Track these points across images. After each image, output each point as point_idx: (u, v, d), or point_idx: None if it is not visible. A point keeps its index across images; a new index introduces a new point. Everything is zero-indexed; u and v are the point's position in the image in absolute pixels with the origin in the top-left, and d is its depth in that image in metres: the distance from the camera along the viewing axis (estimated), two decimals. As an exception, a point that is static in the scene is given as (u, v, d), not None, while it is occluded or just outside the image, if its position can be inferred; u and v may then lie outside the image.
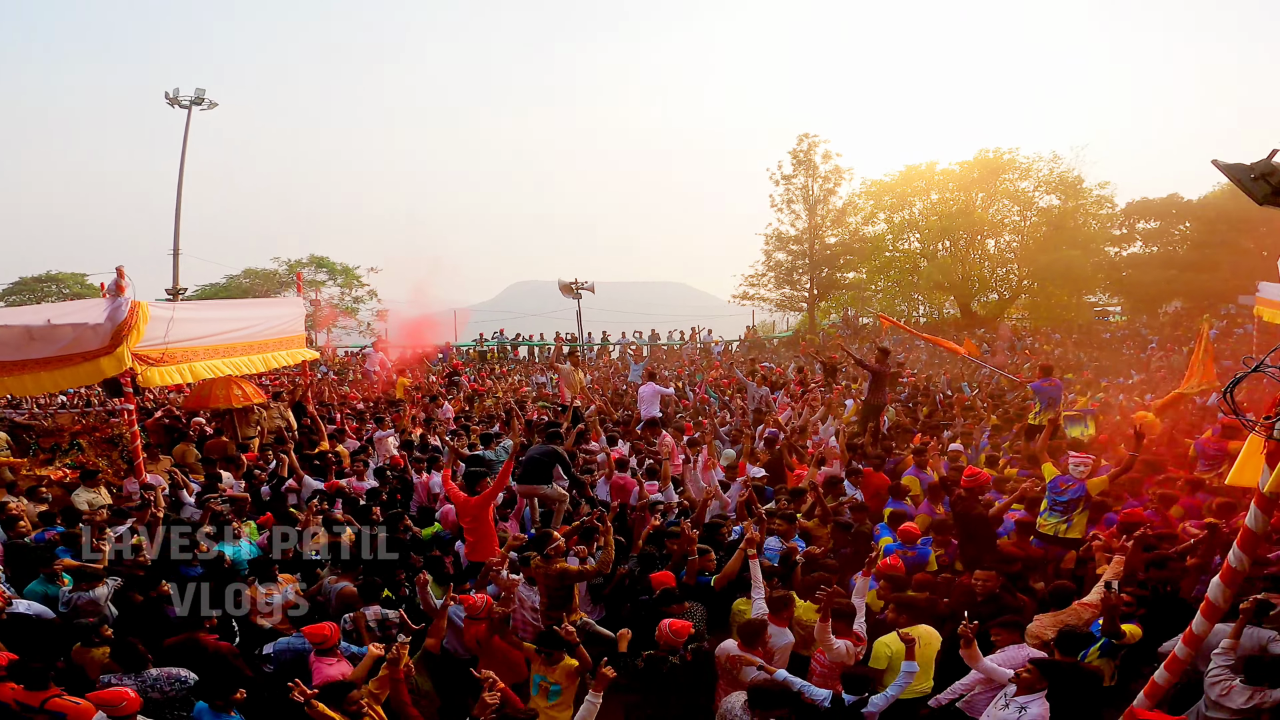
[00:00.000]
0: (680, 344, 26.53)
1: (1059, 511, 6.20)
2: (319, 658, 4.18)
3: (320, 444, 8.75)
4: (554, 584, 5.00)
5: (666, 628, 4.32)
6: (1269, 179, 3.06)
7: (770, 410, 10.82)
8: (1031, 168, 30.06)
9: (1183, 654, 3.70)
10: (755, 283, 34.12)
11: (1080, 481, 6.13)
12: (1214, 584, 3.57)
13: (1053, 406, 8.68)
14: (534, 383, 17.26)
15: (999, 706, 3.92)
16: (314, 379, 13.32)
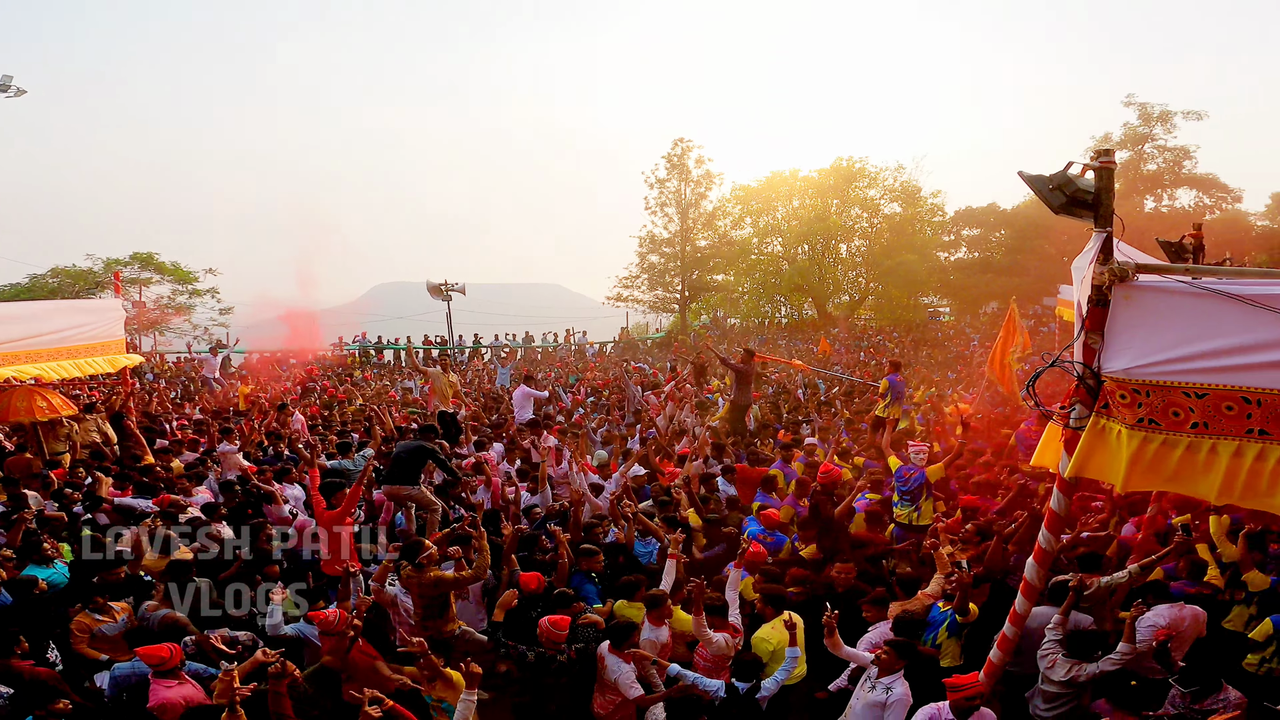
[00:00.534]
0: (554, 346, 26.30)
1: (907, 500, 6.74)
2: (158, 679, 3.86)
3: (144, 458, 7.94)
4: (428, 593, 4.76)
5: (546, 624, 4.26)
6: (1064, 189, 3.43)
7: (646, 410, 11.01)
8: (879, 176, 32.79)
9: (1010, 633, 4.04)
10: (629, 284, 34.61)
11: (920, 469, 6.68)
12: (1029, 565, 3.92)
13: (899, 400, 9.44)
14: (400, 388, 16.39)
15: (865, 688, 4.12)
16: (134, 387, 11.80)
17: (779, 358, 12.56)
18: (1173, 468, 3.14)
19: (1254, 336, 2.85)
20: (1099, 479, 3.52)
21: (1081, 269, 3.59)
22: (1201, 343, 3.00)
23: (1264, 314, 2.82)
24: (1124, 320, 3.26)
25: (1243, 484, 2.98)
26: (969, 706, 3.57)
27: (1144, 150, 31.65)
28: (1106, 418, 3.39)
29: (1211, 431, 3.02)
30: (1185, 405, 3.07)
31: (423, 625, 4.75)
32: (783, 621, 4.48)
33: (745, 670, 4.19)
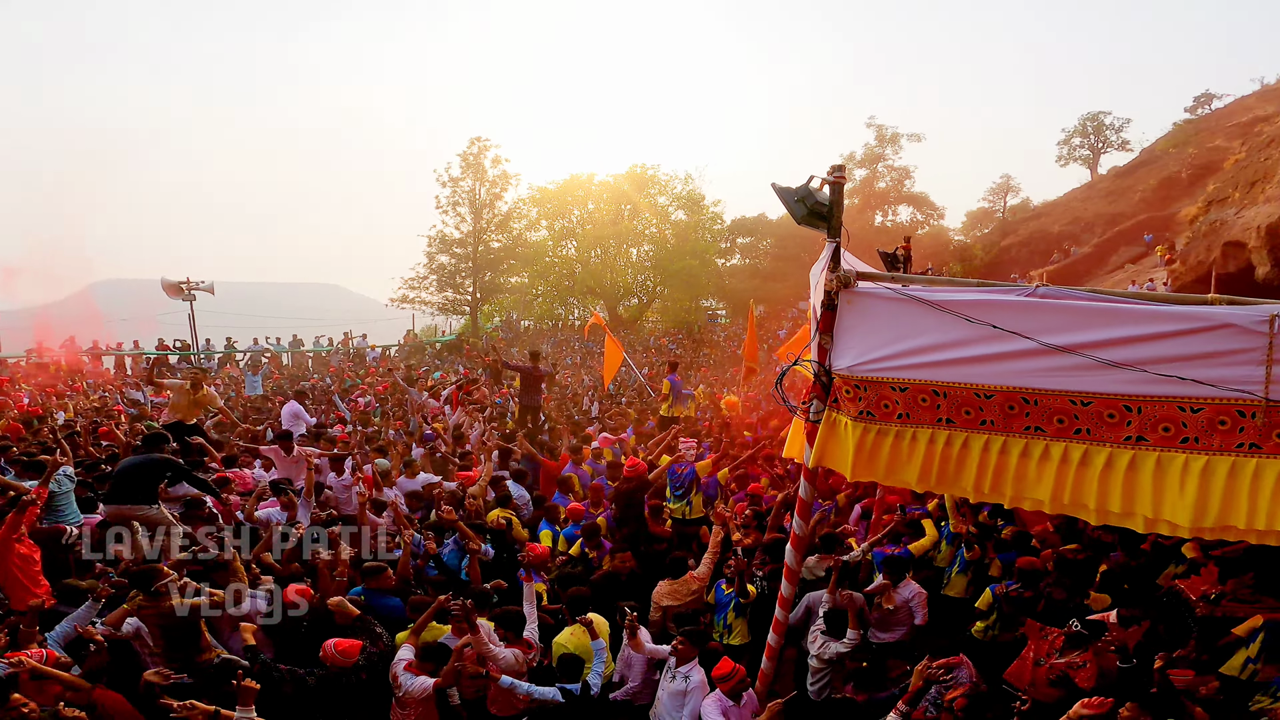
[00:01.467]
0: (327, 350, 23.83)
1: (679, 496, 7.03)
2: None
3: None
4: (170, 623, 4.13)
5: (330, 647, 4.08)
6: (805, 202, 3.73)
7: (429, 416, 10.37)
8: (669, 184, 34.61)
9: (781, 616, 4.29)
10: (416, 285, 32.66)
11: (691, 465, 7.02)
12: (788, 551, 4.20)
13: (680, 398, 9.90)
14: (128, 399, 13.61)
15: (667, 679, 4.25)
16: None
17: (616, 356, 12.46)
18: (886, 455, 3.52)
19: (941, 337, 3.28)
20: (834, 468, 3.86)
21: (816, 276, 3.93)
22: (904, 342, 3.39)
23: (949, 317, 3.26)
24: (847, 323, 3.60)
25: (936, 470, 3.42)
26: (739, 689, 3.91)
27: (877, 169, 37.23)
28: (836, 411, 3.74)
29: (912, 421, 3.45)
30: (892, 398, 3.47)
31: (167, 658, 4.18)
32: (581, 625, 4.49)
33: (570, 670, 4.22)
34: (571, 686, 4.15)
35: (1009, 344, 3.14)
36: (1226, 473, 2.84)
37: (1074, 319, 3.00)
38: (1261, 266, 15.49)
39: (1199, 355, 2.77)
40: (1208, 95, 37.66)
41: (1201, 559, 5.37)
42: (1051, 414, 3.12)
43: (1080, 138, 42.00)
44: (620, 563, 5.46)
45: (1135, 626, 4.54)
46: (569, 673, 4.24)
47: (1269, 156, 18.03)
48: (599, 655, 4.41)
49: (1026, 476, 3.22)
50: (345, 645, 4.10)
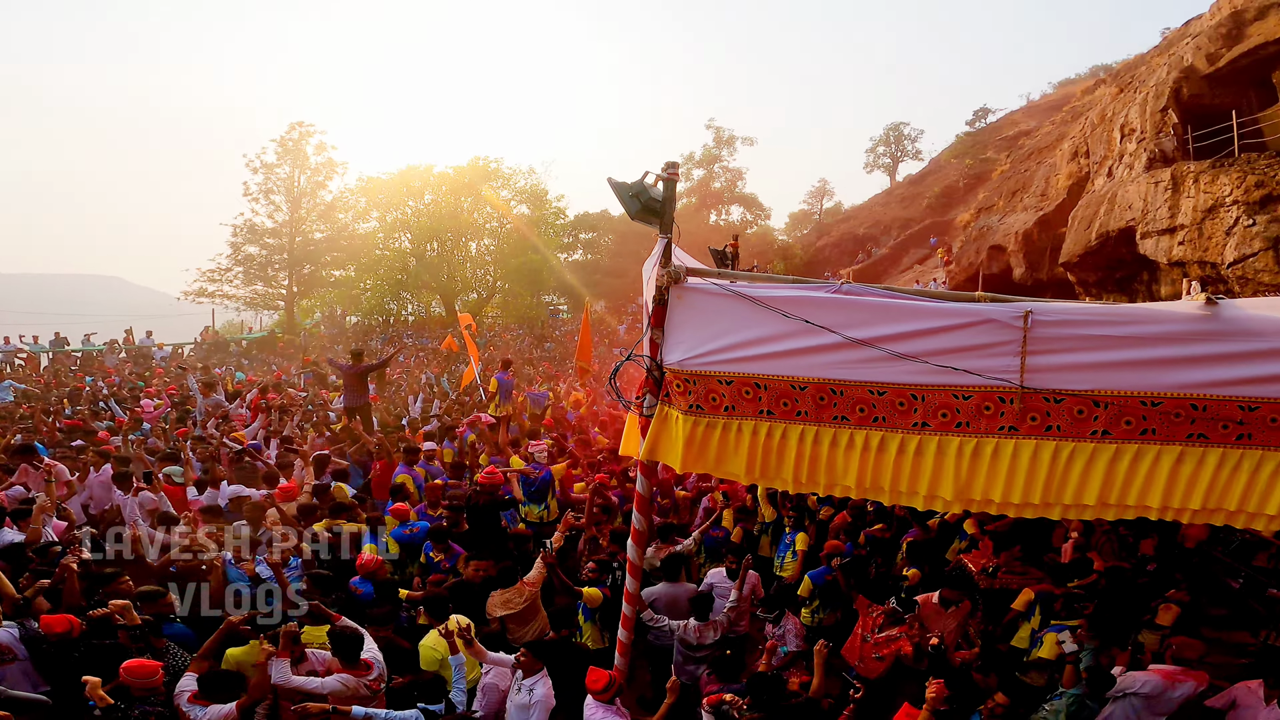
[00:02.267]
0: (99, 350, 20.39)
1: (535, 499, 6.88)
2: None
3: None
4: None
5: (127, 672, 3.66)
6: (639, 198, 3.76)
7: (228, 421, 9.21)
8: (512, 178, 33.65)
9: (629, 611, 4.31)
10: (217, 278, 29.00)
11: (547, 469, 6.91)
12: (629, 545, 4.25)
13: (509, 397, 9.66)
14: None
15: (515, 691, 4.12)
16: None
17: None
18: (715, 448, 3.65)
19: (762, 331, 3.46)
20: (665, 461, 3.94)
21: (649, 271, 3.98)
22: (729, 337, 3.53)
23: (768, 312, 3.44)
24: (677, 318, 3.68)
25: (760, 461, 3.59)
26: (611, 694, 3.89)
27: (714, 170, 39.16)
28: (668, 405, 3.82)
29: (737, 414, 3.60)
30: (719, 391, 3.60)
31: None
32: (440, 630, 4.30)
33: (432, 691, 3.91)
34: (435, 707, 3.88)
35: (819, 338, 3.37)
36: (990, 453, 3.28)
37: (871, 315, 3.29)
38: (1018, 268, 18.40)
39: (968, 347, 3.16)
40: (984, 110, 43.69)
41: (980, 535, 6.24)
42: (855, 404, 3.41)
43: (884, 146, 47.18)
44: (475, 571, 5.17)
45: (954, 608, 5.13)
46: (431, 693, 3.94)
47: (1028, 168, 21.44)
48: (457, 671, 4.18)
49: (836, 465, 3.49)
50: (138, 665, 3.68)
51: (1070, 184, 16.22)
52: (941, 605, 5.15)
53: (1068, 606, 5.03)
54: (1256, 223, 9.83)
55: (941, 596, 5.16)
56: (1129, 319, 2.99)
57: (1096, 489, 3.21)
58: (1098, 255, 13.16)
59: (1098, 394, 3.09)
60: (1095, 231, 12.86)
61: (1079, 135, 16.48)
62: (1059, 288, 15.95)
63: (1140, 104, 12.98)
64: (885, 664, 4.81)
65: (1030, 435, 3.23)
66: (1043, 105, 37.10)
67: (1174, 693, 4.25)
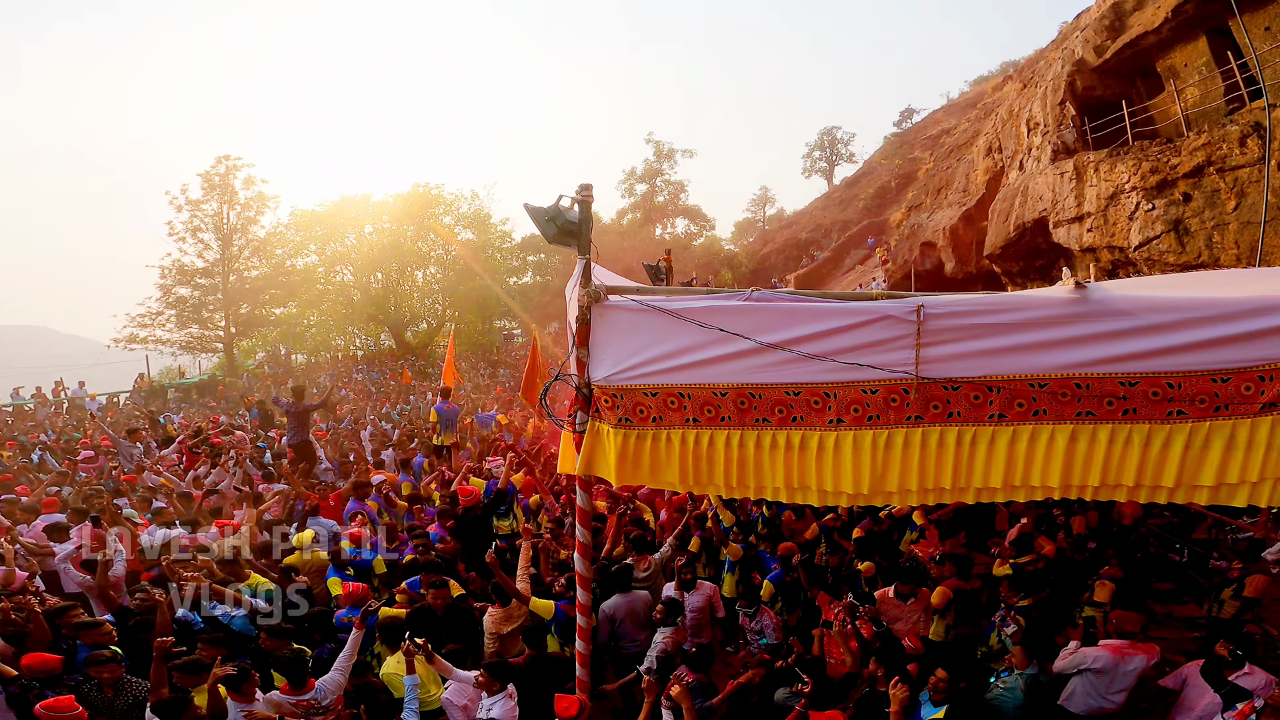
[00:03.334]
0: (28, 403, 19.41)
1: (501, 514, 6.96)
2: None
3: None
4: None
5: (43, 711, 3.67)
6: (555, 221, 3.86)
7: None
8: (454, 203, 33.42)
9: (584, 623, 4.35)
10: (148, 322, 27.92)
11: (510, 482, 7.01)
12: (576, 559, 4.34)
13: (451, 427, 9.58)
14: None
15: (482, 710, 4.14)
16: None
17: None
18: (648, 459, 3.75)
19: (681, 343, 3.59)
20: (601, 475, 4.02)
21: (571, 292, 4.08)
22: (650, 350, 3.66)
23: (685, 324, 3.58)
24: (601, 335, 3.79)
25: (692, 469, 3.71)
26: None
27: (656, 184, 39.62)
28: (599, 420, 3.91)
29: (665, 424, 3.72)
30: (645, 403, 3.72)
31: None
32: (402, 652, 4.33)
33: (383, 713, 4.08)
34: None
35: (734, 345, 3.52)
36: (901, 443, 3.46)
37: (780, 319, 3.45)
38: (949, 263, 19.13)
39: (869, 344, 3.34)
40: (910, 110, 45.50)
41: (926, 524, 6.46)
42: (773, 405, 3.56)
43: (819, 150, 48.55)
44: (435, 598, 5.18)
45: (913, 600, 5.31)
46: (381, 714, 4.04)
47: (950, 165, 22.31)
48: (409, 691, 4.17)
49: (763, 466, 3.62)
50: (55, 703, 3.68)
51: (988, 179, 16.99)
52: (899, 599, 5.32)
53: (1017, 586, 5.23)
54: (1155, 207, 10.52)
55: (897, 590, 5.32)
56: (1010, 306, 3.22)
57: (1001, 471, 3.40)
58: (1018, 246, 13.80)
59: (990, 379, 3.30)
60: (1013, 223, 13.50)
61: (991, 131, 17.31)
62: (988, 279, 16.66)
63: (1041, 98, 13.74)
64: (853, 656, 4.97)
65: (935, 423, 3.41)
66: (960, 103, 38.78)
67: (1127, 666, 4.42)
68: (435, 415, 9.51)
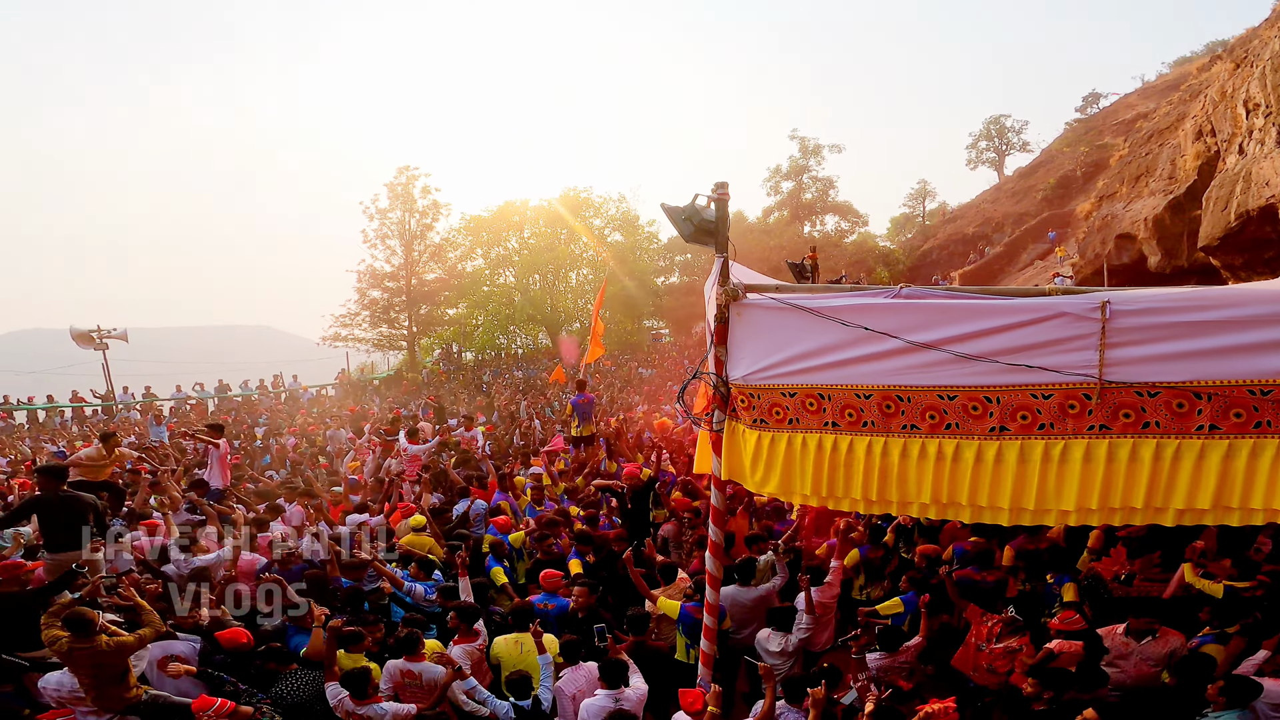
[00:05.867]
0: (256, 394, 22.91)
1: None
2: None
3: None
4: (106, 660, 4.13)
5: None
6: (692, 220, 3.87)
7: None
8: (602, 206, 34.72)
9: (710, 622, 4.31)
10: (348, 323, 31.77)
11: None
12: (707, 558, 4.30)
13: (586, 418, 9.89)
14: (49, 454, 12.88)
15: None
16: None
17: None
18: (780, 463, 3.62)
19: (821, 341, 3.43)
20: (736, 479, 3.96)
21: (709, 291, 4.06)
22: (789, 349, 3.53)
23: (827, 322, 3.42)
24: (739, 334, 3.74)
25: (827, 479, 3.52)
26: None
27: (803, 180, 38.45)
28: (735, 420, 3.86)
29: (801, 426, 3.57)
30: (782, 404, 3.60)
31: (98, 696, 4.17)
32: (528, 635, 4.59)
33: (519, 688, 4.22)
34: (523, 703, 4.13)
35: (880, 344, 3.30)
36: (1081, 455, 3.05)
37: (934, 316, 3.18)
38: (1153, 256, 16.65)
39: (1042, 343, 2.98)
40: (1095, 95, 40.95)
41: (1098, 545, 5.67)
42: (923, 410, 3.29)
43: (986, 141, 44.72)
44: (579, 599, 5.27)
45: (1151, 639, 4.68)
46: (519, 690, 4.21)
47: (1149, 151, 19.47)
48: (546, 670, 4.38)
49: (908, 478, 3.35)
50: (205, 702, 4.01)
51: (1199, 164, 14.67)
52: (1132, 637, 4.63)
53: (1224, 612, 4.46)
54: None
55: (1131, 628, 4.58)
56: (1222, 302, 2.72)
57: (1211, 491, 2.89)
58: (1240, 237, 11.78)
59: (1198, 385, 2.82)
60: (1233, 212, 11.56)
61: (1201, 114, 14.94)
62: (1203, 274, 14.34)
63: (1260, 78, 11.67)
64: (1002, 675, 4.53)
65: (1126, 433, 2.97)
66: (1159, 86, 34.15)
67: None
68: (570, 408, 9.88)
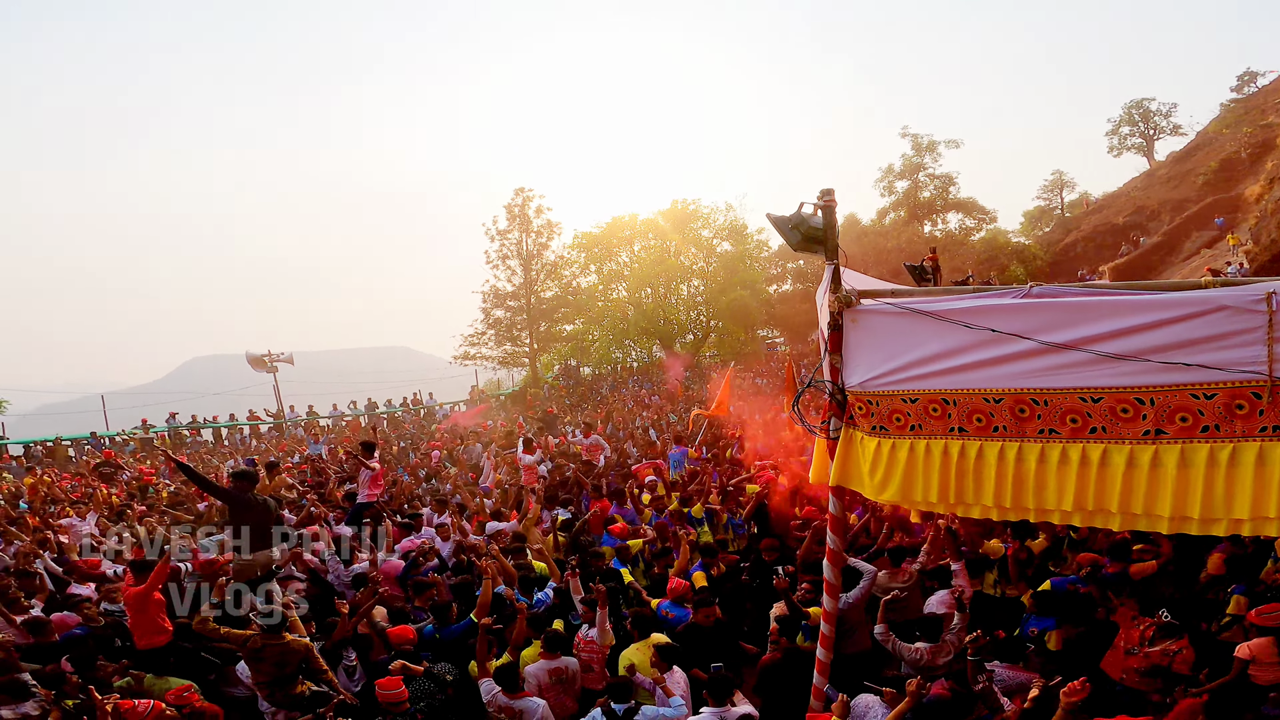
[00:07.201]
0: (400, 411, 24.92)
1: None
2: None
3: None
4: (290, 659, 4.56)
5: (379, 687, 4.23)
6: (799, 228, 3.86)
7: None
8: (711, 216, 34.67)
9: (827, 630, 4.30)
10: (476, 341, 33.77)
11: None
12: (825, 566, 4.24)
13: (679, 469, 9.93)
14: (228, 469, 14.79)
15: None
16: None
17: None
18: (901, 470, 3.51)
19: (944, 345, 3.30)
20: (853, 487, 3.88)
21: (821, 299, 4.03)
22: (909, 354, 3.43)
23: (949, 325, 3.29)
24: (854, 340, 3.68)
25: (955, 485, 3.37)
26: None
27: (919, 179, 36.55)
28: (852, 427, 3.79)
29: (925, 433, 3.45)
30: (904, 410, 3.50)
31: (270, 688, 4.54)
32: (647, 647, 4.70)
33: (619, 692, 4.25)
34: (618, 706, 4.18)
35: (1010, 346, 3.15)
36: (1254, 459, 2.75)
37: (1070, 315, 2.99)
38: (1351, 237, 14.40)
39: (1201, 339, 2.72)
40: (1251, 74, 37.00)
41: None
42: (1063, 414, 3.09)
43: (1129, 126, 40.88)
44: (704, 617, 5.23)
45: None
46: (619, 693, 4.26)
47: (1325, 128, 16.93)
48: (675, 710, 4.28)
49: (1047, 484, 3.15)
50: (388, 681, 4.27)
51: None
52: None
53: None
54: None
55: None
56: None
57: None
58: None
59: (1402, 383, 2.47)
60: None
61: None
62: None
63: None
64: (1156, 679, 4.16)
65: (1306, 437, 2.66)
66: (1325, 61, 29.46)
67: None
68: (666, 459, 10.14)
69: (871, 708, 4.09)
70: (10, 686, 4.23)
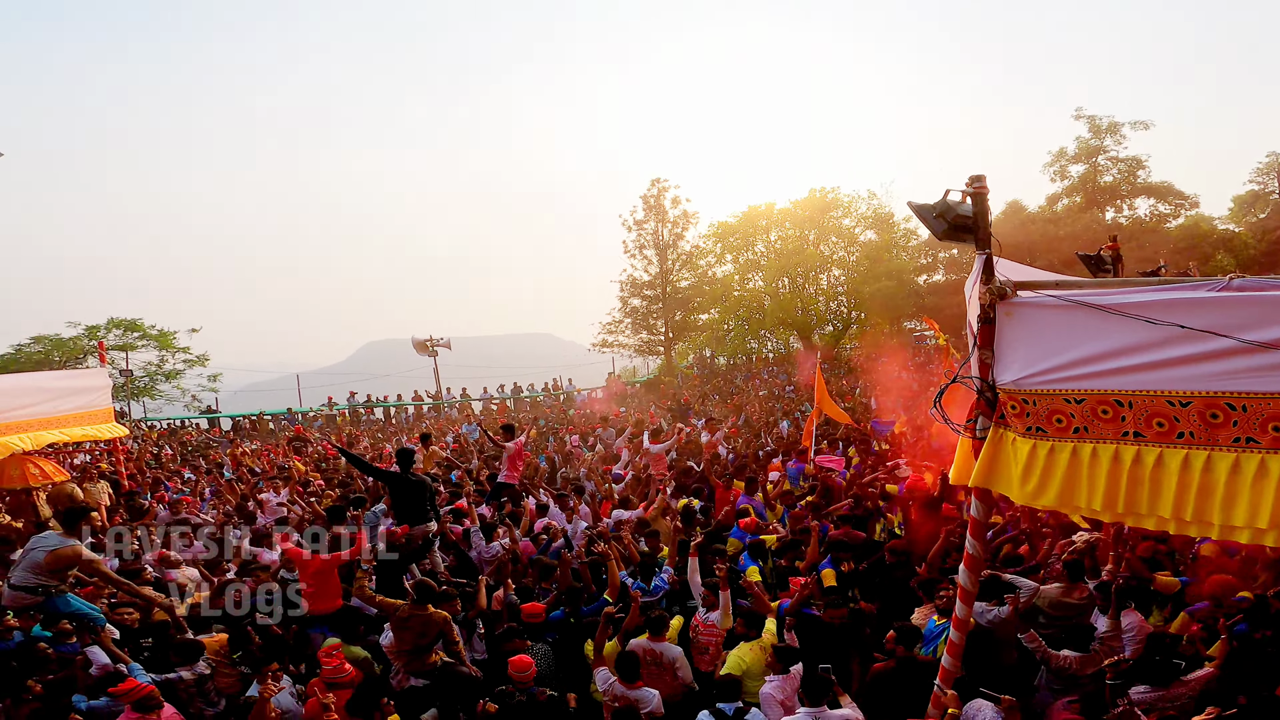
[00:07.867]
0: (541, 395, 26.35)
1: None
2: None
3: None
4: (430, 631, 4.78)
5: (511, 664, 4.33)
6: (945, 216, 3.63)
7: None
8: (852, 205, 33.20)
9: (956, 638, 4.07)
10: (614, 329, 34.76)
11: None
12: (961, 571, 4.00)
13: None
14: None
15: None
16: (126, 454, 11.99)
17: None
18: (1060, 475, 3.22)
19: (1120, 342, 2.98)
20: (1000, 490, 3.60)
21: (970, 291, 3.78)
22: (1076, 350, 3.13)
23: (1128, 321, 2.97)
24: (1008, 335, 3.41)
25: (1125, 494, 3.05)
26: None
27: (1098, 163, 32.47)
28: (1003, 428, 3.52)
29: (1091, 436, 3.13)
30: (1066, 411, 3.20)
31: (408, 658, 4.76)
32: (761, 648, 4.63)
33: (726, 691, 4.22)
34: (726, 707, 4.12)
35: (1203, 344, 2.79)
36: None
37: (1278, 311, 2.60)
38: None
39: None
40: None
41: None
42: (1264, 420, 2.69)
43: (1361, 95, 33.09)
44: (831, 616, 5.15)
45: None
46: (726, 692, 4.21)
47: None
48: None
49: (1238, 498, 2.76)
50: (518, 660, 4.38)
51: None
52: None
53: None
54: None
55: None
56: None
57: None
58: None
59: None
60: None
61: None
62: None
63: None
64: None
65: None
66: None
67: None
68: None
69: (983, 710, 3.88)
70: (182, 648, 4.59)
